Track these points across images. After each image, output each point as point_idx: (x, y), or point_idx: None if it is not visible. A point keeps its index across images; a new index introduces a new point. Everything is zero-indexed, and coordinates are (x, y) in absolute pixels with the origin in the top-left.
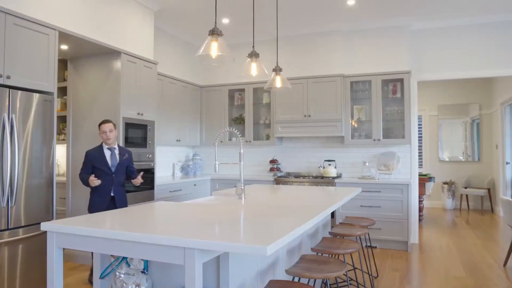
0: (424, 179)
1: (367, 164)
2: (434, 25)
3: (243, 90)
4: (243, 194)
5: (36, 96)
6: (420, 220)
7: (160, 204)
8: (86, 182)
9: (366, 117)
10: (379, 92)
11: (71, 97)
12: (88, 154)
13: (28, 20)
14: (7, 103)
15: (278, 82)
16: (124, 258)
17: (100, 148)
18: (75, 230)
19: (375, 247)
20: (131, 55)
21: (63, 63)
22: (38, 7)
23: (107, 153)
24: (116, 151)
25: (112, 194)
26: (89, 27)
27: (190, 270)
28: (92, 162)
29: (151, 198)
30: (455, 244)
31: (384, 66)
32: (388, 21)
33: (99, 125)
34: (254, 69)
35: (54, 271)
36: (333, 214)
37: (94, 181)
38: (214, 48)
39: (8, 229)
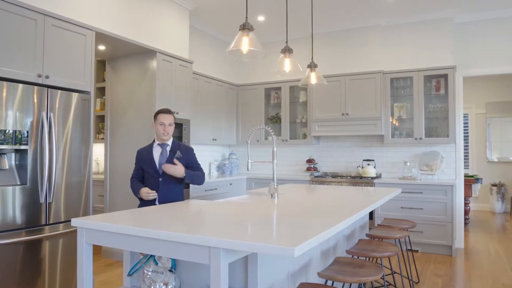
0: (470, 181)
1: (408, 164)
2: (481, 17)
3: (279, 88)
4: (276, 193)
5: (75, 95)
6: (466, 223)
7: (191, 202)
8: (136, 192)
9: (407, 115)
10: (421, 89)
11: (109, 97)
12: (137, 154)
13: (66, 21)
14: (46, 102)
15: (313, 79)
16: (151, 256)
17: (150, 145)
18: (103, 227)
19: (417, 251)
20: (166, 54)
21: (102, 64)
22: (75, 8)
23: (156, 151)
24: (168, 148)
25: (156, 203)
26: (125, 27)
27: (215, 270)
28: (140, 163)
29: (186, 197)
30: (505, 250)
31: (426, 62)
32: (430, 14)
33: (156, 114)
34: (287, 65)
35: (84, 266)
36: (371, 216)
37: (149, 194)
38: (245, 43)
39: (47, 224)
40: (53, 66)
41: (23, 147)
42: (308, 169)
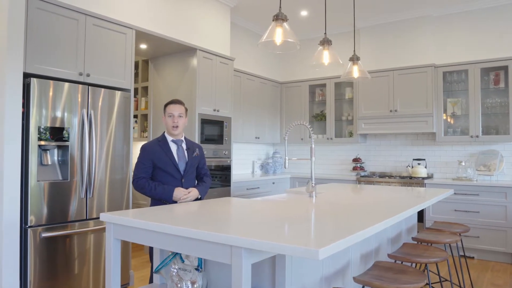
0: None
1: (463, 164)
2: None
3: (324, 85)
4: (313, 192)
5: (118, 93)
6: None
7: (224, 200)
8: (158, 192)
9: (462, 111)
10: (477, 83)
11: (152, 95)
12: (147, 148)
13: (106, 21)
14: (86, 100)
15: (356, 72)
16: (177, 253)
17: (162, 140)
18: (127, 222)
19: (472, 257)
20: (206, 52)
21: (147, 63)
22: (116, 7)
23: (173, 147)
24: (184, 145)
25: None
26: (166, 25)
27: (237, 270)
28: (154, 160)
29: (227, 195)
30: None
31: (483, 53)
32: (486, 2)
33: (165, 105)
34: (326, 57)
35: (112, 261)
36: (422, 218)
37: (188, 194)
38: (278, 34)
39: (87, 219)
40: (93, 64)
41: (64, 143)
42: (354, 168)
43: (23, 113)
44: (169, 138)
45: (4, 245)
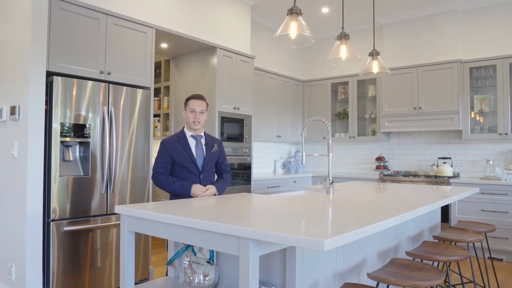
0: None
1: (491, 163)
2: None
3: (346, 83)
4: (331, 189)
5: (139, 91)
6: None
7: (239, 195)
8: (176, 188)
9: (490, 108)
10: (506, 78)
11: (173, 94)
12: (166, 144)
13: (127, 20)
14: (107, 98)
15: (375, 67)
16: (189, 246)
17: (181, 136)
18: (139, 214)
19: (501, 259)
20: (226, 50)
21: (169, 63)
22: (136, 7)
23: (192, 143)
24: (203, 141)
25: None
26: (186, 24)
27: (245, 261)
28: (172, 155)
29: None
30: None
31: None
32: None
33: (187, 100)
34: (343, 52)
35: (126, 253)
36: (447, 218)
37: (204, 192)
38: (293, 28)
39: (107, 214)
40: (114, 63)
41: (85, 140)
42: (378, 167)
43: (46, 110)
44: (188, 134)
45: (28, 238)
